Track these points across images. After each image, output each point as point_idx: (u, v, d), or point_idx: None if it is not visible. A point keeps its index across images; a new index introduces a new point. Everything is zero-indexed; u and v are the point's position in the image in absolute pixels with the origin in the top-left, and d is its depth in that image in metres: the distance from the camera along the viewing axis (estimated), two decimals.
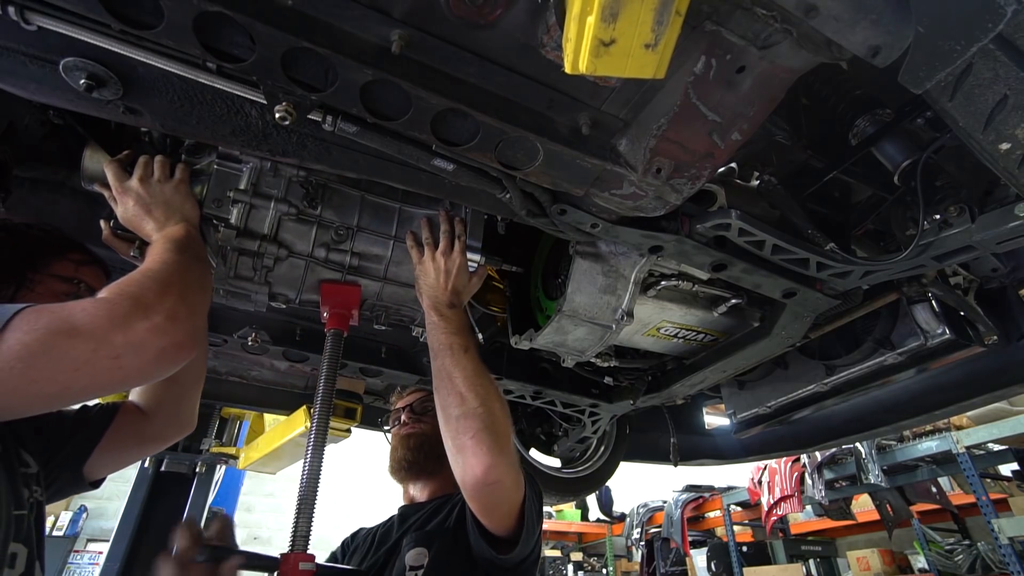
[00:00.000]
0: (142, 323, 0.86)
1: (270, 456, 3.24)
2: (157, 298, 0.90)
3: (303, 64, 0.84)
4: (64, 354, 0.79)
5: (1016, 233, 1.11)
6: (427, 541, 1.32)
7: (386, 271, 1.43)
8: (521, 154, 0.98)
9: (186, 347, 0.91)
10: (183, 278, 0.99)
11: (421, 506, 1.53)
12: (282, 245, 1.30)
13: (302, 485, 1.19)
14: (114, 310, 0.85)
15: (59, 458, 1.21)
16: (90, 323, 0.82)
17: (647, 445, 2.69)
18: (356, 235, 1.37)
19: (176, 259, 1.02)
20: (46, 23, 0.81)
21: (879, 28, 0.73)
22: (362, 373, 1.97)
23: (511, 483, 1.20)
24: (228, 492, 6.16)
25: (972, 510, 4.72)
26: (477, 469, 1.14)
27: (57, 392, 0.81)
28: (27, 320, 0.80)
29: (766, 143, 1.40)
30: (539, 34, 0.83)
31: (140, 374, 0.88)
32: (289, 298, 1.40)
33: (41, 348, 0.78)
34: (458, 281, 1.36)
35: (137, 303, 0.88)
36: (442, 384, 1.24)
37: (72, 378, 0.80)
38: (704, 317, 1.59)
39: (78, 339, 0.80)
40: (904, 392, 1.96)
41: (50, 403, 0.86)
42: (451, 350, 1.26)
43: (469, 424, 1.17)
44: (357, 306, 1.41)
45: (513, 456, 1.22)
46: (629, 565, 8.46)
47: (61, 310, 0.83)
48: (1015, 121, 0.83)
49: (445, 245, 1.36)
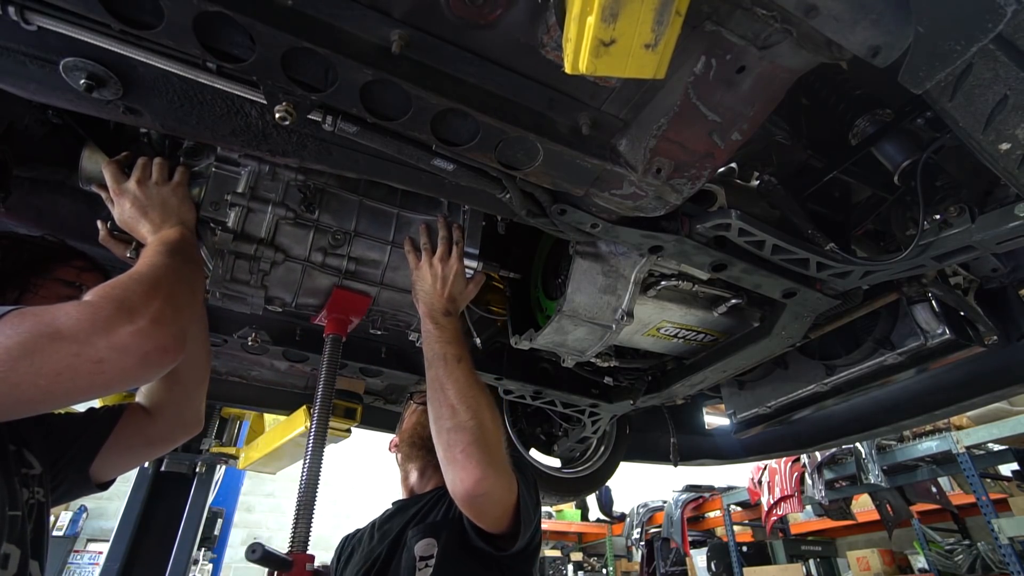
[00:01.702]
0: (126, 327, 0.84)
1: (270, 456, 3.24)
2: (143, 301, 0.89)
3: (303, 64, 0.84)
4: (46, 358, 0.78)
5: (1016, 233, 1.11)
6: (435, 532, 1.34)
7: (383, 276, 1.43)
8: (521, 154, 0.98)
9: (171, 351, 0.90)
10: (171, 281, 0.98)
11: (420, 497, 1.54)
12: (279, 249, 1.30)
13: (301, 489, 1.19)
14: (97, 313, 0.84)
15: (65, 459, 1.21)
16: (73, 327, 0.81)
17: (647, 445, 2.69)
18: (353, 240, 1.37)
19: (166, 262, 1.02)
20: (46, 23, 0.81)
21: (879, 28, 0.73)
22: (362, 373, 1.97)
23: (502, 491, 1.22)
24: (228, 492, 6.16)
25: (972, 510, 4.72)
26: (467, 482, 1.17)
27: (39, 397, 0.80)
28: (10, 323, 0.79)
29: (766, 143, 1.40)
30: (539, 34, 0.83)
31: (123, 378, 0.87)
32: (285, 301, 1.40)
33: (21, 351, 0.77)
34: (455, 288, 1.37)
35: (121, 306, 0.87)
36: (435, 394, 1.25)
37: (53, 382, 0.79)
38: (704, 317, 1.59)
39: (60, 342, 0.79)
40: (904, 392, 1.96)
41: (32, 407, 0.83)
42: (445, 360, 1.27)
43: (459, 437, 1.18)
44: (362, 315, 1.41)
45: (504, 464, 1.23)
46: (629, 565, 8.46)
47: (45, 313, 0.82)
48: (1015, 121, 0.83)
49: (443, 251, 1.36)
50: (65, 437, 1.23)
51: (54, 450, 1.20)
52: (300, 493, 1.20)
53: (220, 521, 6.05)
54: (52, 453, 1.19)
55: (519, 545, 1.25)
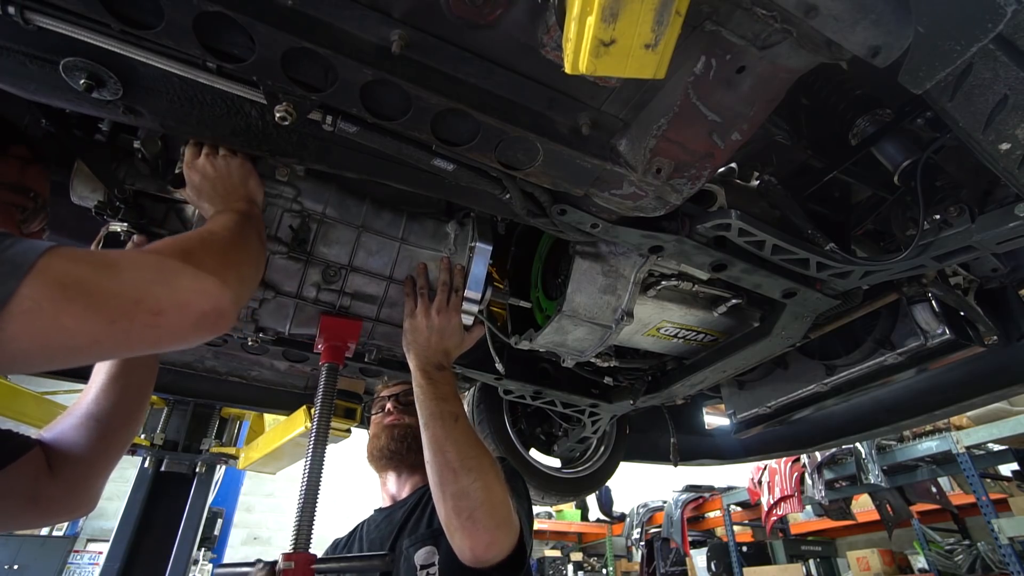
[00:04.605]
0: (190, 281, 0.79)
1: (270, 456, 3.24)
2: (210, 260, 0.84)
3: (303, 64, 0.84)
4: (103, 301, 0.70)
5: (1016, 233, 1.11)
6: (434, 539, 1.32)
7: (379, 312, 1.39)
8: (521, 154, 0.98)
9: (226, 317, 0.83)
10: (240, 249, 0.95)
11: (404, 502, 1.52)
12: (268, 287, 1.27)
13: (301, 494, 1.18)
14: (163, 264, 0.79)
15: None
16: (135, 272, 0.75)
17: (647, 445, 2.69)
18: (349, 275, 1.32)
19: (238, 230, 0.98)
20: (46, 23, 0.81)
21: (879, 28, 0.73)
22: (362, 373, 1.97)
23: (509, 543, 1.19)
24: (228, 492, 6.17)
25: (972, 510, 4.73)
26: (477, 550, 1.14)
27: (85, 344, 0.70)
28: (64, 255, 0.70)
29: (766, 143, 1.40)
30: (539, 34, 0.83)
31: (174, 337, 0.79)
32: (279, 332, 1.37)
33: (79, 289, 0.68)
34: (450, 342, 1.33)
35: (190, 258, 0.82)
36: (434, 457, 1.21)
37: (105, 330, 0.70)
38: (704, 317, 1.59)
39: (121, 284, 0.72)
40: (904, 392, 1.96)
41: (72, 357, 0.74)
42: (442, 420, 1.23)
43: (464, 504, 1.15)
44: (356, 340, 1.36)
45: (510, 518, 1.19)
46: (629, 565, 8.47)
47: (103, 254, 0.78)
48: (1015, 121, 0.83)
49: (441, 300, 1.32)
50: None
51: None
52: (300, 501, 1.19)
53: (220, 521, 6.07)
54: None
55: (518, 566, 1.22)
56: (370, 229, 1.33)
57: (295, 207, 1.25)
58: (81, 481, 1.09)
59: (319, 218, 1.28)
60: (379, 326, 1.42)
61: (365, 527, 1.59)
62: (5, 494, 0.99)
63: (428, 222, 1.41)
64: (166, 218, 1.25)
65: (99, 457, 1.11)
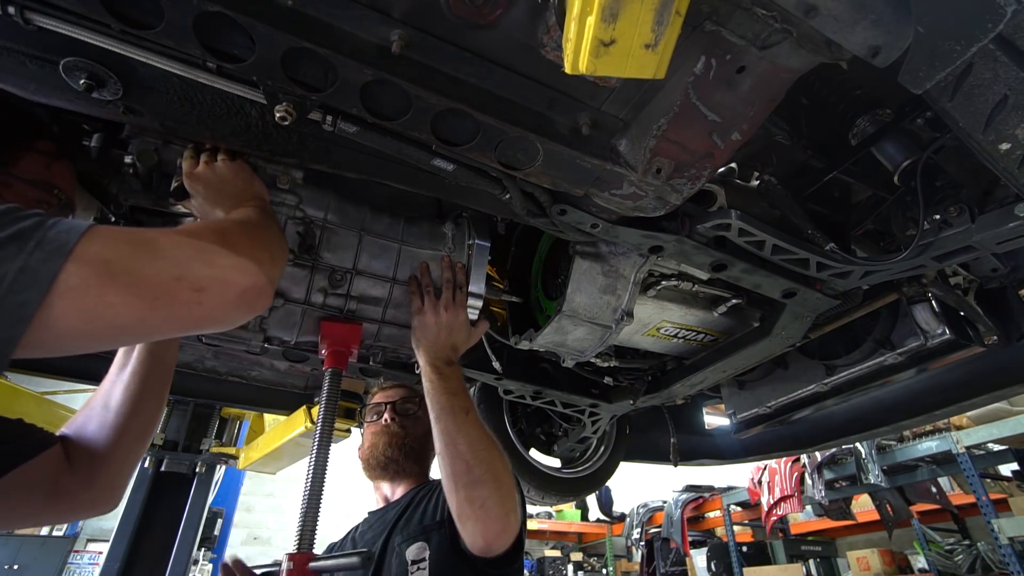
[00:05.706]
0: (228, 259, 0.80)
1: (270, 456, 3.24)
2: (243, 240, 0.86)
3: (303, 64, 0.84)
4: (146, 278, 0.70)
5: (1016, 233, 1.11)
6: (424, 535, 1.33)
7: (384, 313, 1.40)
8: (521, 154, 0.98)
9: (265, 294, 0.84)
10: (268, 231, 0.97)
11: (397, 503, 1.53)
12: (278, 294, 1.27)
13: (305, 497, 1.18)
14: (201, 242, 0.79)
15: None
16: (175, 251, 0.75)
17: (647, 445, 2.69)
18: (354, 278, 1.33)
19: (262, 216, 1.00)
20: (46, 23, 0.81)
21: (879, 28, 0.73)
22: (362, 373, 1.97)
23: (516, 532, 1.23)
24: (228, 492, 6.16)
25: (972, 510, 4.73)
26: (488, 537, 1.18)
27: (130, 322, 0.70)
28: (105, 234, 0.70)
29: (766, 143, 1.40)
30: (539, 34, 0.83)
31: (216, 315, 0.79)
32: (285, 340, 1.38)
33: (123, 267, 0.69)
34: (458, 337, 1.36)
35: (225, 239, 0.82)
36: (447, 449, 1.23)
37: (149, 308, 0.70)
38: (704, 317, 1.59)
39: (163, 262, 0.73)
40: (904, 392, 1.96)
41: (118, 336, 0.74)
42: (453, 414, 1.25)
43: (477, 494, 1.18)
44: (358, 344, 1.37)
45: (516, 508, 1.23)
46: (629, 565, 8.47)
47: (142, 232, 0.77)
48: (1015, 121, 0.83)
49: (447, 297, 1.34)
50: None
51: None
52: (304, 498, 1.19)
53: (220, 521, 6.06)
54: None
55: (513, 559, 1.25)
56: (371, 232, 1.34)
57: (298, 214, 1.25)
58: (99, 477, 1.09)
59: (321, 224, 1.28)
60: (385, 328, 1.42)
61: (358, 529, 1.60)
62: (27, 489, 1.00)
63: (424, 223, 1.42)
64: None
65: (116, 453, 1.11)
